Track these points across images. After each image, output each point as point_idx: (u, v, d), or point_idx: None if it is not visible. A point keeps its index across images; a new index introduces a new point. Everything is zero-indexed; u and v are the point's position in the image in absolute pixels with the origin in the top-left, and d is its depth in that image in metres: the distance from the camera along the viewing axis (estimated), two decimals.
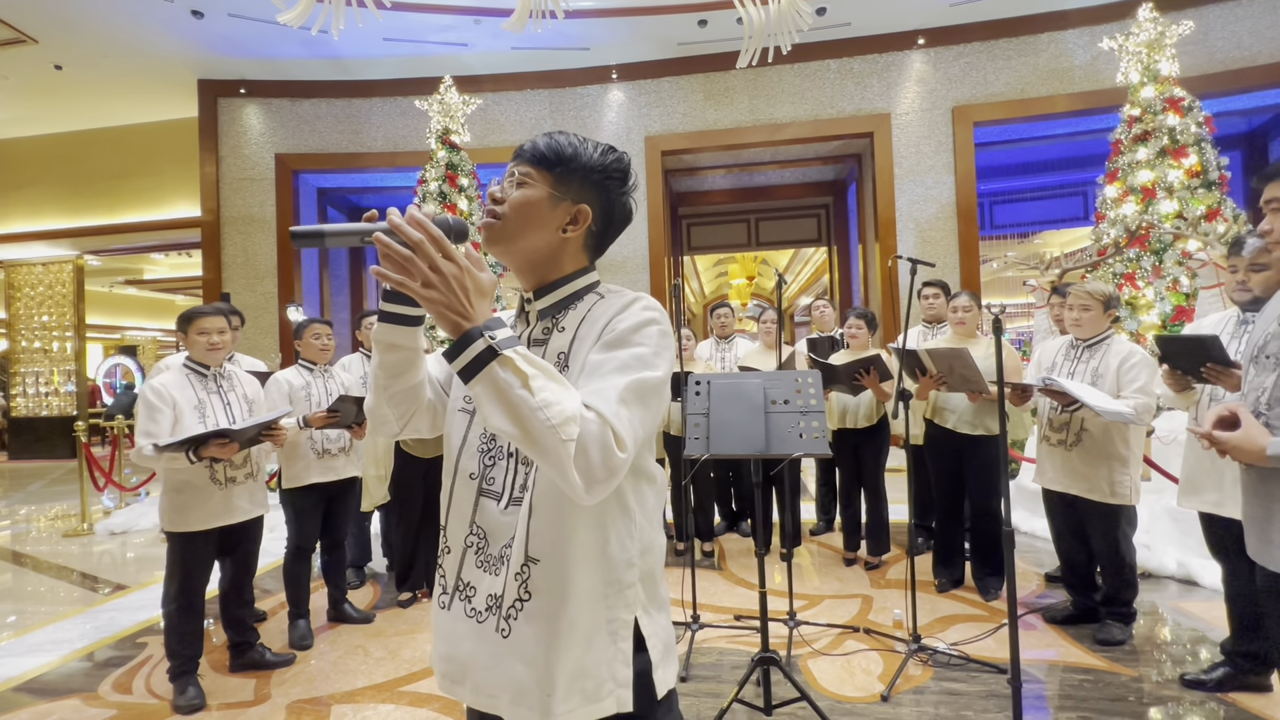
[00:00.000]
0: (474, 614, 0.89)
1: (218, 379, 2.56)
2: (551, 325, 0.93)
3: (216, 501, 2.48)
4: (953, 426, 3.17)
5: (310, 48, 7.02)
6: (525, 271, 0.94)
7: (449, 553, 0.94)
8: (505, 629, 0.86)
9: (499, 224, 0.90)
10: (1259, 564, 1.34)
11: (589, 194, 0.92)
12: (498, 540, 0.89)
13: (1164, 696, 2.31)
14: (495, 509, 0.90)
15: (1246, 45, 6.41)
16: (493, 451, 0.92)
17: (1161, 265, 5.22)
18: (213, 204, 7.71)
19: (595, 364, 0.83)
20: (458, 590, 0.92)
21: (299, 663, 2.79)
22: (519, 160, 0.92)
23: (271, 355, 7.11)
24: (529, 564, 0.85)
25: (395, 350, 0.92)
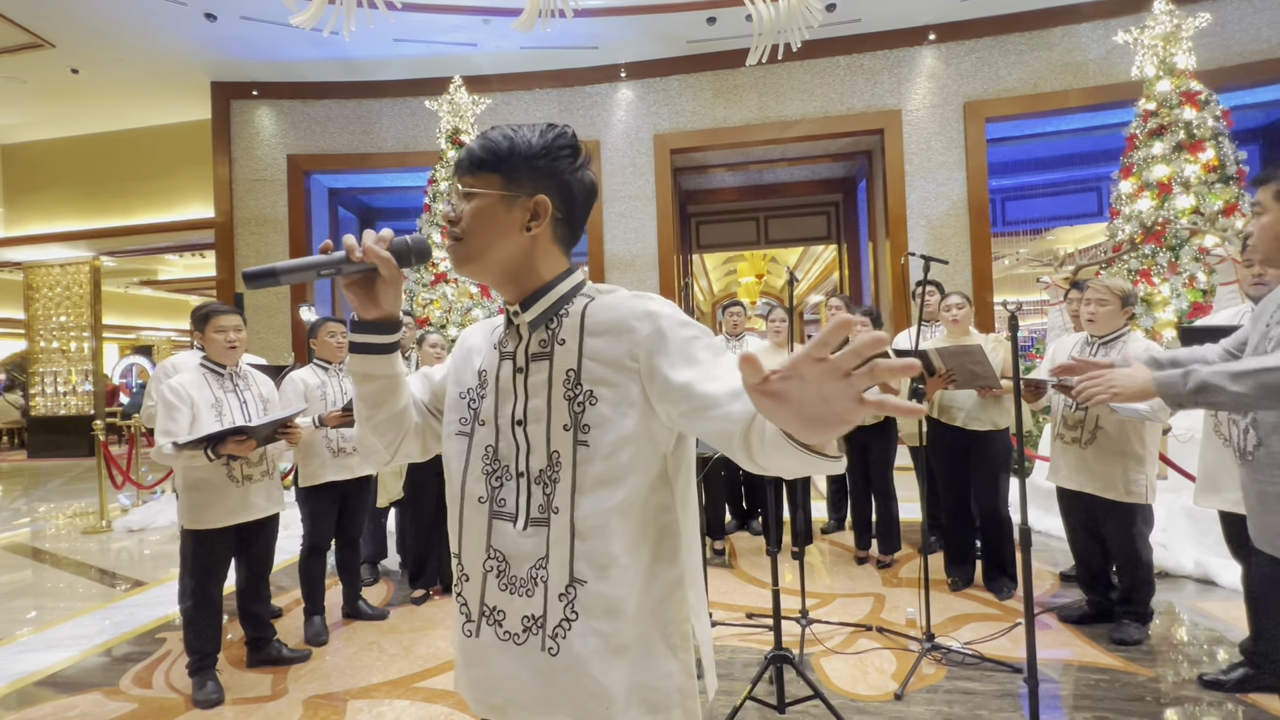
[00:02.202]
0: (509, 637, 0.86)
1: (234, 378, 2.60)
2: (549, 338, 0.87)
3: (234, 499, 2.51)
4: (961, 424, 3.16)
5: (321, 49, 7.07)
6: (504, 284, 0.89)
7: (468, 580, 0.91)
8: (554, 648, 0.83)
9: (462, 244, 0.86)
10: (1260, 549, 1.34)
11: (542, 182, 0.86)
12: (522, 562, 0.86)
13: (1182, 697, 2.29)
14: (512, 531, 0.87)
15: (1265, 37, 6.30)
16: (499, 473, 0.89)
17: (1178, 261, 5.15)
18: (226, 205, 7.78)
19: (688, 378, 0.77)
20: (484, 616, 0.89)
21: (315, 659, 2.83)
22: (459, 173, 0.87)
23: (285, 354, 7.17)
24: (574, 585, 0.83)
25: (371, 380, 0.91)
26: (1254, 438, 1.32)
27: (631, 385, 0.82)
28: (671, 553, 0.87)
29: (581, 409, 0.84)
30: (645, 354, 0.81)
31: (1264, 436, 1.29)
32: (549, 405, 0.86)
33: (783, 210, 9.87)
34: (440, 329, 6.04)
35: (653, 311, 0.83)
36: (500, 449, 0.89)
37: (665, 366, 0.79)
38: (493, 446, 0.89)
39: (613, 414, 0.82)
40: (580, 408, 0.84)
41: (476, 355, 0.96)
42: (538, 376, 0.87)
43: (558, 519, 0.84)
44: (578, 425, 0.84)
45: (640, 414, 0.82)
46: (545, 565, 0.84)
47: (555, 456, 0.85)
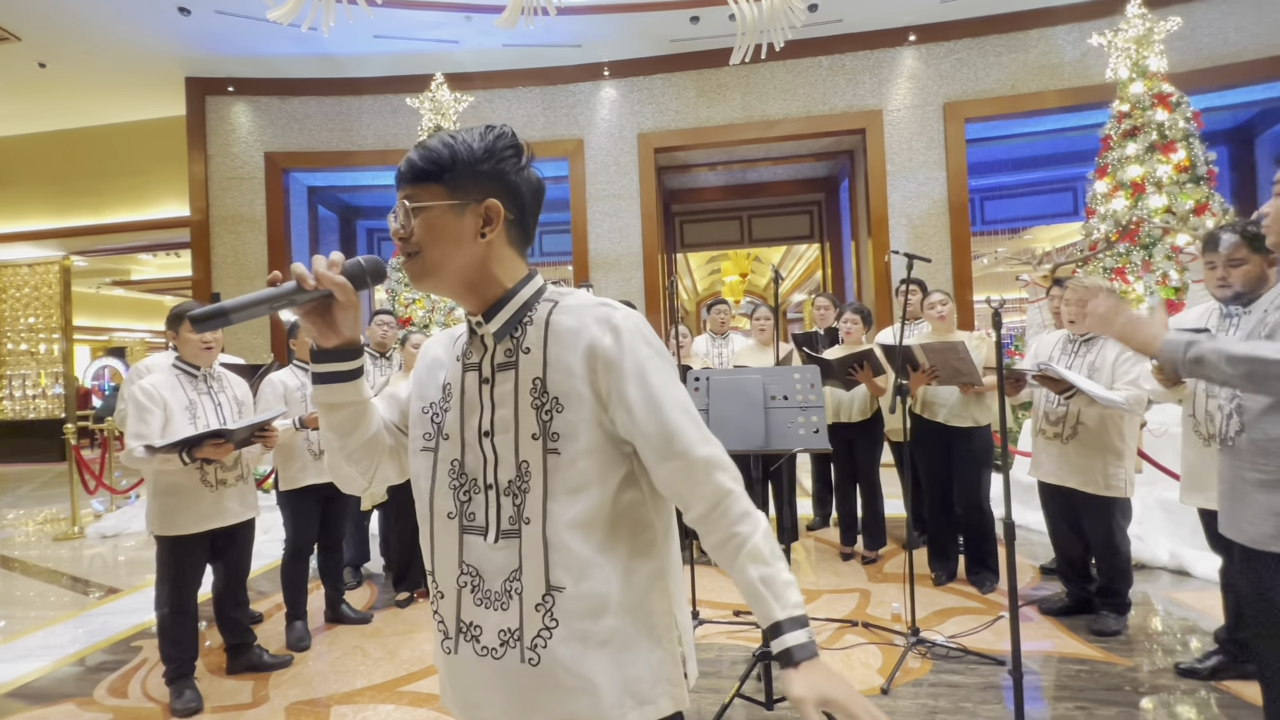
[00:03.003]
0: (486, 652, 0.85)
1: (208, 380, 2.54)
2: (514, 346, 0.86)
3: (207, 504, 2.45)
4: (944, 420, 3.20)
5: (299, 45, 6.95)
6: (464, 295, 0.87)
7: (443, 597, 0.89)
8: (534, 658, 0.83)
9: (418, 259, 0.83)
10: (1230, 539, 1.37)
11: (489, 186, 0.84)
12: (495, 575, 0.85)
13: (1159, 685, 2.33)
14: (483, 544, 0.86)
15: (1233, 41, 6.47)
16: (467, 486, 0.87)
17: (1151, 260, 5.27)
18: (201, 203, 7.63)
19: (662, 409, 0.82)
20: (461, 633, 0.87)
21: (297, 664, 2.78)
22: (403, 185, 0.84)
23: (263, 355, 7.05)
24: (552, 593, 0.82)
25: (338, 409, 0.89)
26: (1236, 423, 1.34)
27: (594, 392, 0.83)
28: (648, 546, 0.87)
29: (549, 417, 0.83)
30: (604, 365, 0.82)
31: (1247, 424, 1.31)
32: (516, 415, 0.85)
33: (766, 209, 9.93)
34: (423, 329, 5.98)
35: (615, 324, 0.83)
36: (467, 462, 0.88)
37: (622, 381, 0.81)
38: (459, 460, 0.88)
39: (580, 421, 0.82)
40: (548, 416, 0.83)
41: (440, 368, 0.94)
42: (504, 386, 0.86)
43: (529, 529, 0.83)
44: (546, 434, 0.83)
45: (604, 420, 0.83)
46: (519, 577, 0.84)
47: (524, 466, 0.84)
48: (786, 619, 0.78)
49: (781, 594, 0.79)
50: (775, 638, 0.78)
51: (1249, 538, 1.31)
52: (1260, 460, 1.28)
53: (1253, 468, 1.30)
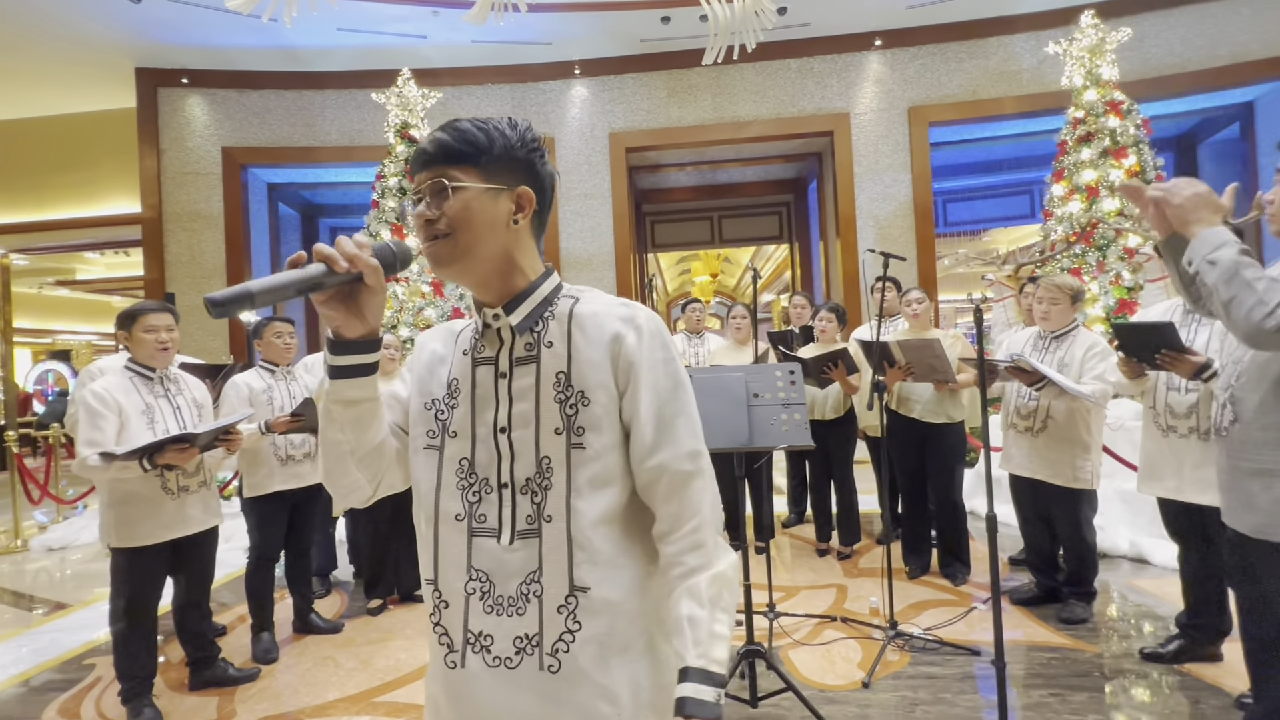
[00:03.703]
0: (499, 662, 0.81)
1: (164, 382, 2.41)
2: (535, 340, 0.84)
3: (169, 512, 2.34)
4: (918, 416, 3.26)
5: (258, 36, 6.72)
6: (487, 284, 0.84)
7: (447, 607, 0.84)
8: (554, 664, 0.79)
9: (448, 242, 0.80)
10: (1229, 526, 1.40)
11: (522, 174, 0.83)
12: (509, 579, 0.81)
13: (1126, 670, 2.42)
14: (495, 547, 0.82)
15: (1178, 52, 6.78)
16: (476, 487, 0.84)
17: (1105, 260, 5.48)
18: (154, 199, 7.30)
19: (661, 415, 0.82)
20: (469, 644, 0.82)
21: (264, 677, 2.67)
22: (434, 166, 0.80)
23: (223, 357, 6.79)
24: (575, 594, 0.79)
25: (355, 406, 0.82)
26: (1230, 414, 1.36)
27: (616, 386, 0.82)
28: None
29: (575, 411, 0.81)
30: (625, 361, 0.81)
31: (1241, 414, 1.33)
32: (538, 409, 0.82)
33: (736, 210, 10.01)
34: (391, 329, 5.84)
35: (639, 323, 0.83)
36: (477, 460, 0.84)
37: (639, 378, 0.81)
38: (468, 459, 0.84)
39: (604, 414, 0.81)
40: (573, 409, 0.81)
41: (441, 364, 0.90)
42: (524, 381, 0.83)
43: (550, 528, 0.80)
44: (571, 428, 0.81)
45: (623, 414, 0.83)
46: (538, 578, 0.80)
47: (546, 462, 0.81)
48: (695, 668, 0.75)
49: (702, 641, 0.76)
50: (681, 680, 0.75)
51: (1248, 526, 1.33)
52: (1255, 450, 1.30)
53: (1246, 458, 1.32)
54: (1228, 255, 1.18)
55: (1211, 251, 1.20)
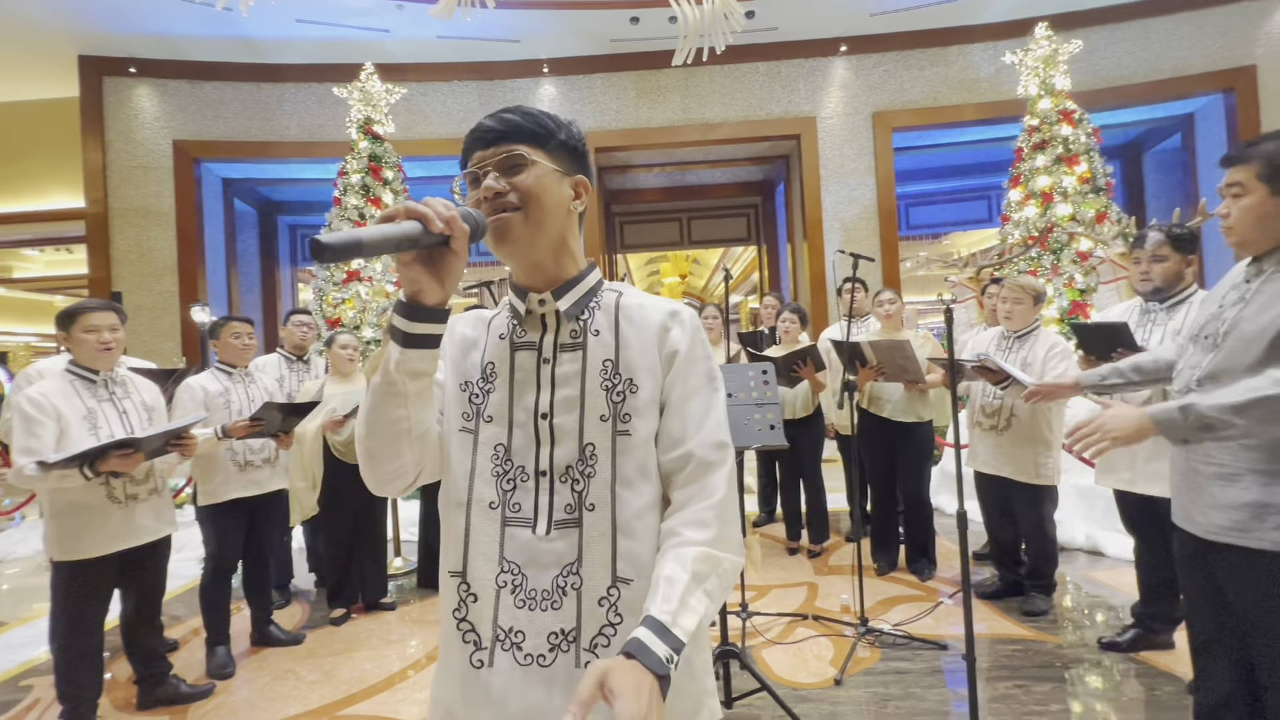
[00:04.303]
0: (532, 660, 0.77)
1: (109, 385, 2.28)
2: (580, 328, 0.84)
3: (116, 522, 2.21)
4: (888, 415, 3.32)
5: (211, 26, 6.47)
6: (540, 265, 0.83)
7: (475, 600, 0.80)
8: (591, 660, 0.76)
9: (518, 215, 0.79)
10: (1181, 527, 1.45)
11: (579, 163, 0.86)
12: (544, 571, 0.78)
13: (1085, 659, 2.50)
14: (530, 537, 0.79)
15: (1125, 65, 7.08)
16: (511, 474, 0.81)
17: (1059, 263, 5.68)
18: (99, 194, 6.96)
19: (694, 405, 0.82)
20: (498, 641, 0.78)
21: (220, 693, 2.56)
22: (504, 143, 0.80)
23: (175, 359, 6.50)
24: (618, 585, 0.77)
25: (420, 379, 0.77)
26: None
27: (662, 375, 0.83)
28: None
29: (621, 398, 0.81)
30: (670, 352, 0.83)
31: None
32: (583, 396, 0.81)
33: (705, 212, 10.06)
34: (354, 329, 5.68)
35: (683, 318, 0.85)
36: (514, 446, 0.82)
37: (680, 369, 0.83)
38: (504, 445, 0.82)
39: (650, 403, 0.81)
40: (620, 397, 0.81)
41: (473, 348, 0.88)
42: (569, 367, 0.83)
43: (593, 516, 0.79)
44: (617, 415, 0.81)
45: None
46: (577, 570, 0.78)
47: (589, 449, 0.80)
48: (660, 622, 0.68)
49: (671, 599, 0.70)
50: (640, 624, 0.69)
51: (1203, 529, 1.37)
52: (1214, 454, 1.33)
53: (1207, 461, 1.35)
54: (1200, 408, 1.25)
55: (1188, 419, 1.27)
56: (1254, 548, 1.28)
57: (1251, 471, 1.28)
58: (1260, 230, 1.32)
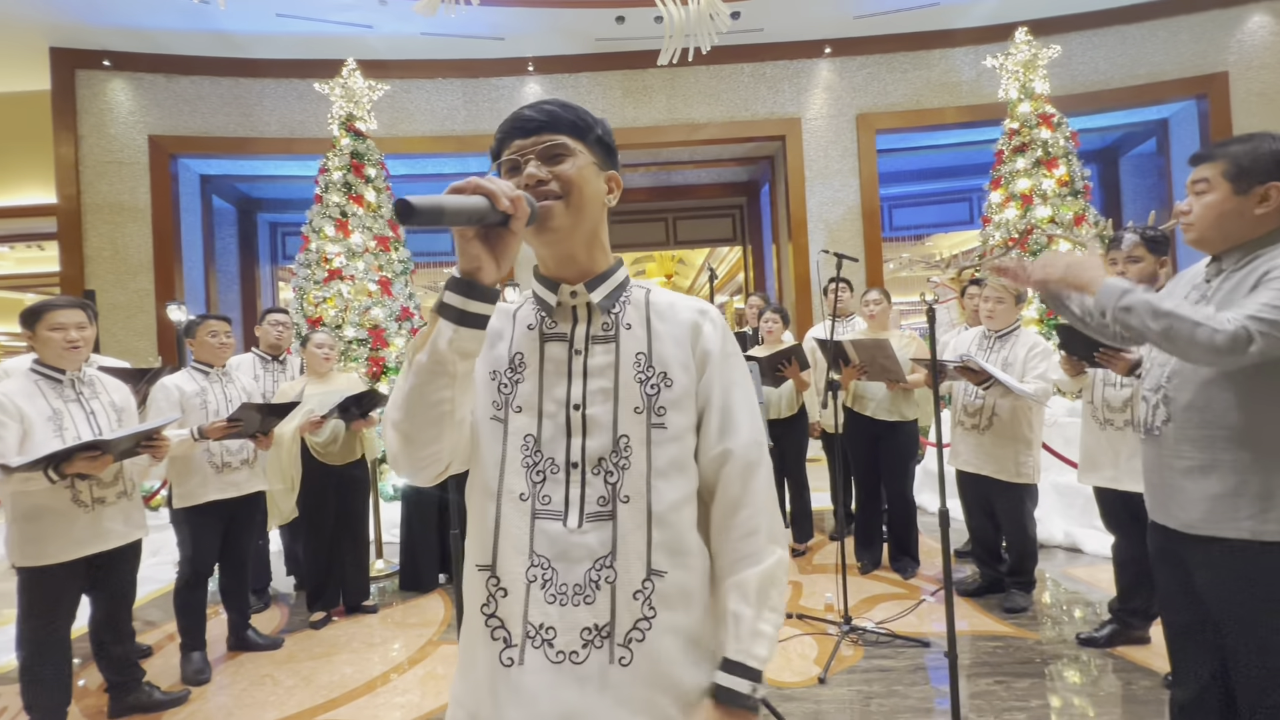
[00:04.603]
0: (563, 657, 0.76)
1: (76, 385, 2.21)
2: (612, 321, 0.84)
3: (82, 527, 2.14)
4: (871, 414, 3.34)
5: (188, 19, 6.34)
6: (574, 256, 0.83)
7: (505, 595, 0.79)
8: (625, 656, 0.76)
9: (562, 203, 0.79)
10: (1157, 523, 1.47)
11: (610, 159, 0.87)
12: (576, 565, 0.78)
13: (1064, 655, 2.53)
14: (561, 530, 0.78)
15: (1102, 70, 7.21)
16: (540, 466, 0.80)
17: None
18: (71, 190, 6.79)
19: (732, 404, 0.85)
20: (529, 638, 0.77)
21: (195, 700, 2.50)
22: (546, 132, 0.81)
23: (150, 359, 6.36)
24: (653, 577, 0.77)
25: (469, 359, 0.75)
26: (1164, 413, 1.40)
27: (695, 369, 0.84)
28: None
29: (656, 390, 0.82)
30: (703, 347, 0.85)
31: (1175, 413, 1.37)
32: (617, 387, 0.82)
33: (690, 212, 10.07)
34: (335, 329, 5.60)
35: (712, 316, 0.87)
36: (544, 438, 0.81)
37: (713, 365, 0.84)
38: (534, 436, 0.81)
39: (684, 397, 0.82)
40: (654, 389, 0.82)
41: (499, 339, 0.88)
42: (602, 359, 0.83)
43: (628, 508, 0.78)
44: (652, 407, 0.81)
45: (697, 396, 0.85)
46: (611, 563, 0.77)
47: (624, 441, 0.80)
48: (737, 662, 0.77)
49: (744, 638, 0.77)
50: (719, 669, 0.77)
51: (1180, 522, 1.38)
52: (1187, 449, 1.35)
53: (1179, 456, 1.36)
54: (1136, 296, 1.26)
55: (1120, 299, 1.28)
56: (1227, 538, 1.30)
57: (1223, 464, 1.30)
58: (1218, 228, 1.33)
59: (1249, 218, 1.31)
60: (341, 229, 5.82)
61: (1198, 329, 1.19)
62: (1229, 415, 1.29)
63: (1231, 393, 1.28)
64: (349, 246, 5.79)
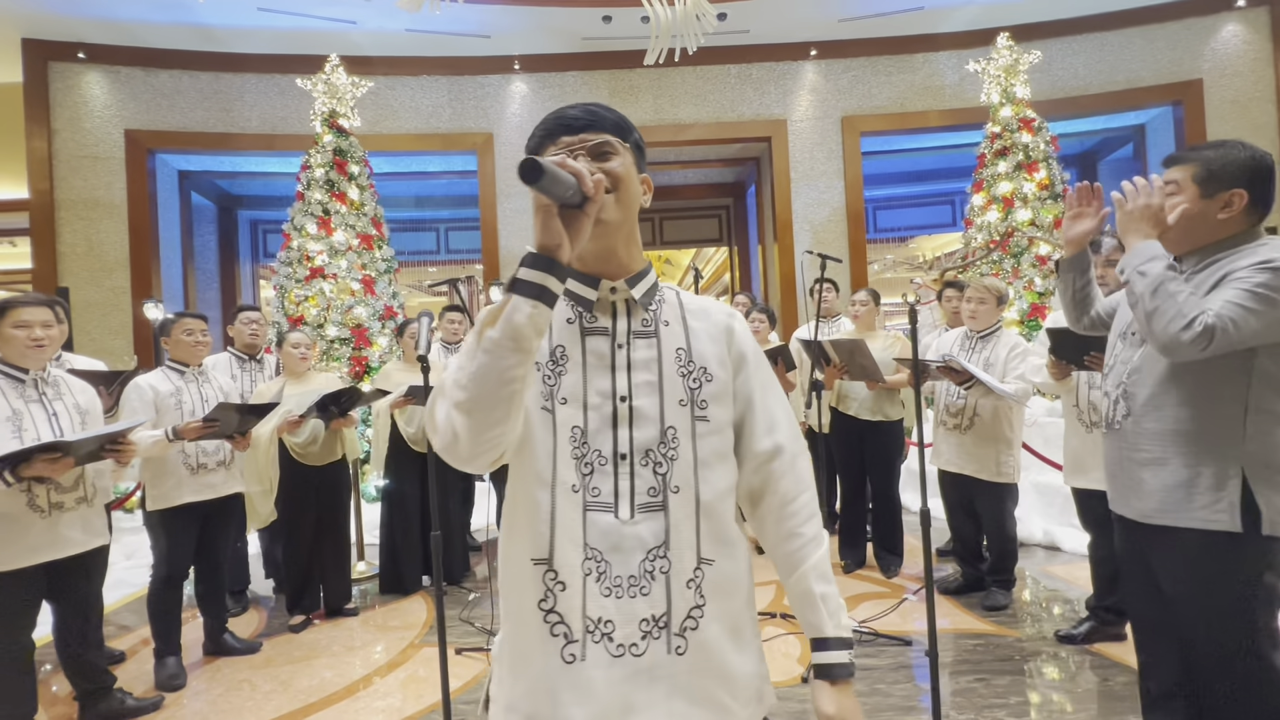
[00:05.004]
0: (623, 650, 0.76)
1: (39, 384, 2.15)
2: (651, 317, 0.87)
3: (38, 533, 2.07)
4: (854, 413, 3.36)
5: (167, 11, 6.23)
6: (613, 252, 0.85)
7: (564, 589, 0.77)
8: (680, 645, 0.78)
9: (613, 197, 0.81)
10: (1117, 513, 1.50)
11: (643, 162, 0.90)
12: (630, 556, 0.78)
13: (1043, 652, 2.56)
14: (613, 522, 0.78)
15: (1081, 76, 7.33)
16: (588, 458, 0.80)
17: (1019, 267, 5.85)
18: (44, 184, 6.64)
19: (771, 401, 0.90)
20: (589, 633, 0.76)
21: (169, 706, 2.45)
22: (594, 130, 0.83)
23: (125, 358, 6.24)
24: (702, 566, 0.80)
25: (540, 338, 0.73)
26: (1124, 408, 1.45)
27: (731, 365, 0.88)
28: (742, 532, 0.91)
29: (698, 384, 0.85)
30: (738, 354, 0.89)
31: (1133, 408, 1.42)
32: (661, 380, 0.84)
33: (677, 212, 10.08)
34: (318, 328, 5.53)
35: (741, 320, 0.93)
36: (590, 430, 0.81)
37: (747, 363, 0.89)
38: (580, 428, 0.81)
39: (723, 391, 0.86)
40: (696, 383, 0.85)
41: None
42: (644, 353, 0.85)
43: (678, 498, 0.80)
44: (694, 401, 0.84)
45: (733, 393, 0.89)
46: (665, 553, 0.79)
47: (671, 432, 0.82)
48: (835, 637, 0.82)
49: (835, 613, 0.84)
50: (819, 650, 0.82)
51: (1137, 512, 1.43)
52: (1145, 442, 1.40)
53: (1137, 449, 1.41)
54: (1157, 268, 1.29)
55: (1143, 263, 1.30)
56: (1183, 527, 1.34)
57: (1176, 455, 1.34)
58: (1182, 229, 1.37)
59: (1211, 221, 1.35)
60: (324, 227, 5.74)
61: (1177, 310, 1.23)
62: (1181, 411, 1.34)
63: (1184, 390, 1.33)
64: (331, 244, 5.72)
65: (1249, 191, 1.32)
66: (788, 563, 0.85)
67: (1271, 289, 1.22)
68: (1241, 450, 1.29)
